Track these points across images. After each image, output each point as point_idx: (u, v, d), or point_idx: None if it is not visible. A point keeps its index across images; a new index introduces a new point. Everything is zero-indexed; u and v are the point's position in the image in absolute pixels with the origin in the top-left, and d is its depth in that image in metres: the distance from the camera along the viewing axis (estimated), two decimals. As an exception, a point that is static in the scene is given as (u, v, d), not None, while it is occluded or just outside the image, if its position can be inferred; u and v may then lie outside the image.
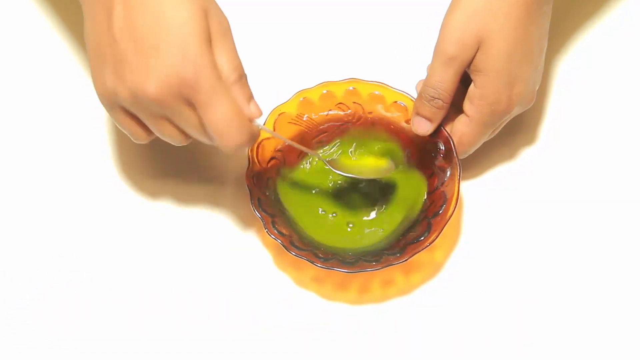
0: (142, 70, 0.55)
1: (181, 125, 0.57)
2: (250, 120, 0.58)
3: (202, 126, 0.56)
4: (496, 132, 0.67)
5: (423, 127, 0.65)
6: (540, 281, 0.66)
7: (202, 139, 0.58)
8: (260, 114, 0.58)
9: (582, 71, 0.74)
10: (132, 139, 0.61)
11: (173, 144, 0.59)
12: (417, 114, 0.66)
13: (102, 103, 0.59)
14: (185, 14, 0.55)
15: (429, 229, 0.63)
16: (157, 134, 0.59)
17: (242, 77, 0.57)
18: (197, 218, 0.68)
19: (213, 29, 0.56)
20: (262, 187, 0.65)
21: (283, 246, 0.62)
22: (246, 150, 0.63)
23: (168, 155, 0.70)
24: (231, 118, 0.55)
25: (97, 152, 0.71)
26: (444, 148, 0.66)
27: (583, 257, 0.67)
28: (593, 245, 0.68)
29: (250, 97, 0.58)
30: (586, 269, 0.67)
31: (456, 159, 0.65)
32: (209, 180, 0.70)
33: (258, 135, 0.59)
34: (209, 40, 0.56)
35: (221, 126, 0.55)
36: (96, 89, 0.58)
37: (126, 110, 0.58)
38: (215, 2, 0.58)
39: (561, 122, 0.72)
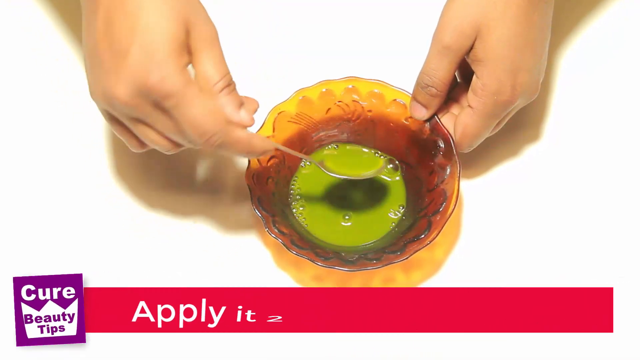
0: (113, 74, 0.55)
1: (159, 129, 0.57)
2: (243, 127, 0.57)
3: (180, 129, 0.56)
4: (500, 125, 0.67)
5: (419, 113, 0.66)
6: (541, 279, 0.66)
7: (185, 142, 0.57)
8: (252, 121, 0.58)
9: (586, 66, 0.74)
10: (131, 149, 0.61)
11: (162, 151, 0.59)
12: (414, 99, 0.66)
13: (98, 108, 0.59)
14: (159, 20, 0.55)
15: (429, 227, 0.63)
16: (144, 141, 0.59)
17: (229, 85, 0.58)
18: (197, 217, 0.68)
19: (198, 38, 0.56)
20: (263, 184, 0.65)
21: (284, 245, 0.62)
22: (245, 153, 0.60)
23: (169, 155, 0.70)
24: (204, 116, 0.55)
25: (96, 149, 0.71)
26: (443, 146, 0.66)
27: (585, 255, 0.67)
28: (595, 244, 0.68)
29: (240, 104, 0.58)
30: (588, 267, 0.67)
31: (456, 156, 0.65)
32: (209, 179, 0.70)
33: (259, 146, 0.58)
34: (182, 48, 0.56)
35: (196, 126, 0.55)
36: (90, 93, 0.58)
37: (114, 117, 0.58)
38: (203, 13, 0.58)
39: (564, 119, 0.72)
